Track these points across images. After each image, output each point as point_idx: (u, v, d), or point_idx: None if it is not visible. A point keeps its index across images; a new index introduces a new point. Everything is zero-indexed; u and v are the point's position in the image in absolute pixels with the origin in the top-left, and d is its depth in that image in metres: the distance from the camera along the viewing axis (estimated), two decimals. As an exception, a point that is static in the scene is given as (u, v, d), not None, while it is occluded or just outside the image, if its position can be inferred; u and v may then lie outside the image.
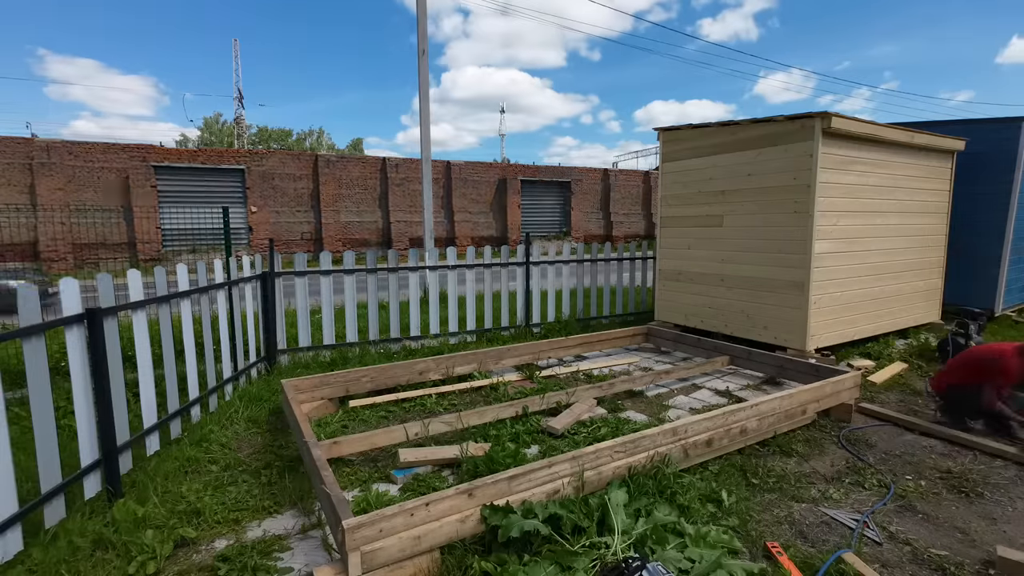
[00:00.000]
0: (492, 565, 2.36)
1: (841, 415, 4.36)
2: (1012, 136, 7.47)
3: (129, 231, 21.14)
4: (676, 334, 6.57)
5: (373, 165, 26.34)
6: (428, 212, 10.50)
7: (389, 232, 26.29)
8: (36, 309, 2.76)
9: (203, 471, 3.52)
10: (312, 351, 6.07)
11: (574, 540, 2.51)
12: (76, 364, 3.03)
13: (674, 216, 7.23)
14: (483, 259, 7.21)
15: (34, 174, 19.67)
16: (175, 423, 3.98)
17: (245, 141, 46.25)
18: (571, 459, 2.92)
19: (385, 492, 3.18)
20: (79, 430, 3.04)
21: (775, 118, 5.80)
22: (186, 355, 4.25)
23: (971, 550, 2.67)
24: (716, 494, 3.11)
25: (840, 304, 6.01)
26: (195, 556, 2.68)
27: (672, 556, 2.42)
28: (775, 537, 2.78)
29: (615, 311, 8.31)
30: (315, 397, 4.54)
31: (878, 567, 2.54)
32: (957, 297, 7.81)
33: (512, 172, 29.69)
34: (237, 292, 5.10)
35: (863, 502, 3.13)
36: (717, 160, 6.52)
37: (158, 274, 3.95)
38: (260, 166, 23.81)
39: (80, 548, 2.64)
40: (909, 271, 6.87)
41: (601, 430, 4.04)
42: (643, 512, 2.73)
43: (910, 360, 6.00)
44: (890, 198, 6.38)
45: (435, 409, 4.66)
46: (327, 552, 2.69)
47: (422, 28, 10.01)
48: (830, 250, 5.76)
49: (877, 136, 5.89)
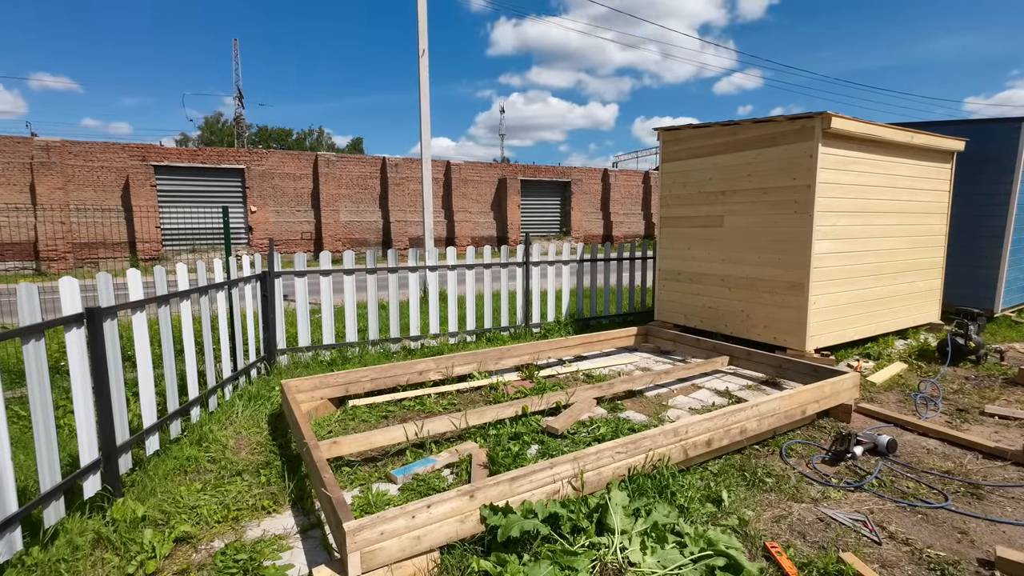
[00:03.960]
0: (492, 564, 2.36)
1: (840, 415, 4.36)
2: (1012, 136, 7.47)
3: (129, 230, 21.13)
4: (676, 334, 6.57)
5: (373, 165, 26.34)
6: (428, 212, 10.50)
7: (389, 232, 26.28)
8: (36, 308, 2.76)
9: (203, 471, 3.53)
10: (312, 351, 6.07)
11: (573, 540, 2.51)
12: (76, 363, 3.03)
13: (674, 216, 7.23)
14: (483, 259, 7.21)
15: (34, 173, 19.66)
16: (175, 423, 3.97)
17: (245, 141, 46.21)
18: (572, 460, 2.92)
19: (385, 492, 3.18)
20: (79, 429, 3.04)
21: (775, 118, 5.80)
22: (186, 355, 4.24)
23: (970, 550, 2.67)
24: (716, 494, 3.11)
25: (840, 304, 6.01)
26: (195, 555, 2.68)
27: (671, 556, 2.42)
28: (775, 537, 2.78)
29: (615, 311, 8.30)
30: (315, 397, 4.54)
31: (877, 567, 2.55)
32: (957, 297, 7.81)
33: (512, 172, 29.70)
34: (237, 292, 5.10)
35: (863, 502, 3.13)
36: (717, 160, 6.52)
37: (158, 274, 3.95)
38: (260, 166, 23.81)
39: (80, 547, 2.64)
40: (909, 271, 6.87)
41: (601, 430, 4.04)
42: (642, 512, 2.73)
43: (910, 360, 6.00)
44: (890, 198, 6.38)
45: (435, 409, 4.65)
46: (327, 552, 2.69)
47: (422, 27, 10.00)
48: (830, 250, 5.76)
49: (877, 136, 5.89)
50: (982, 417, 4.43)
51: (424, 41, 10.02)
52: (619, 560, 2.41)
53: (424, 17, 10.01)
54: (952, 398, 4.88)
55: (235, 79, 45.35)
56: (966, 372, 5.66)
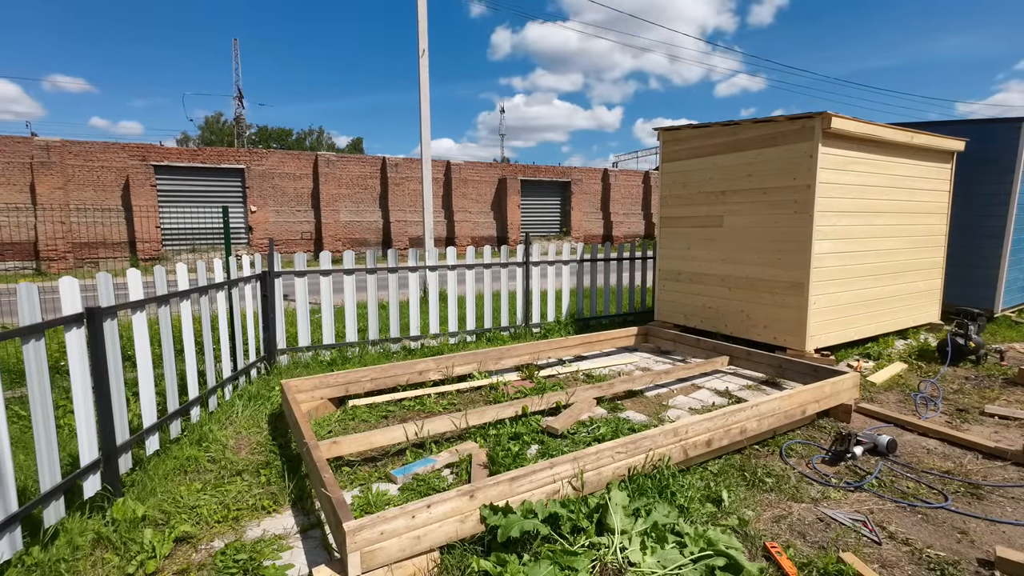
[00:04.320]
0: (492, 564, 2.36)
1: (840, 415, 4.36)
2: (1012, 136, 7.47)
3: (129, 230, 21.13)
4: (676, 334, 6.57)
5: (373, 164, 26.34)
6: (428, 212, 10.49)
7: (389, 232, 26.28)
8: (36, 308, 2.76)
9: (203, 470, 3.53)
10: (312, 351, 6.07)
11: (573, 540, 2.51)
12: (76, 363, 3.03)
13: (674, 216, 7.23)
14: (483, 259, 7.21)
15: (34, 173, 19.67)
16: (175, 423, 3.97)
17: (245, 140, 46.22)
18: (572, 460, 2.92)
19: (384, 492, 3.18)
20: (79, 429, 3.04)
21: (775, 118, 5.80)
22: (186, 355, 4.24)
23: (970, 550, 2.67)
24: (716, 494, 3.12)
25: (840, 304, 6.01)
26: (195, 555, 2.68)
27: (671, 556, 2.42)
28: (775, 537, 2.78)
29: (615, 311, 8.30)
30: (315, 397, 4.54)
31: (877, 567, 2.55)
32: (957, 297, 7.81)
33: (512, 172, 29.70)
34: (237, 292, 5.10)
35: (863, 502, 3.13)
36: (717, 160, 6.52)
37: (158, 273, 3.95)
38: (260, 165, 23.81)
39: (80, 547, 2.64)
40: (909, 271, 6.87)
41: (601, 430, 4.04)
42: (642, 512, 2.73)
43: (910, 360, 6.00)
44: (890, 198, 6.38)
45: (435, 409, 4.65)
46: (327, 551, 2.69)
47: (422, 27, 10.00)
48: (830, 250, 5.76)
49: (877, 136, 5.89)
50: (982, 417, 4.43)
51: (424, 41, 10.02)
52: (619, 560, 2.41)
53: (424, 17, 10.01)
54: (952, 398, 4.88)
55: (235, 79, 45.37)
56: (966, 372, 5.66)
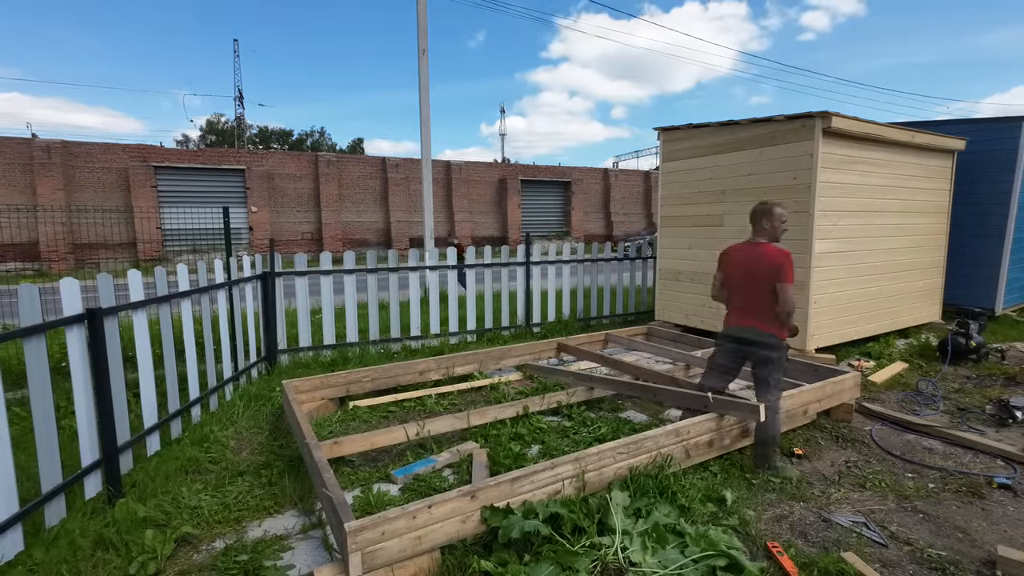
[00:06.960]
0: (492, 565, 2.36)
1: (841, 415, 4.35)
2: (1012, 136, 7.46)
3: (129, 231, 21.15)
4: (676, 334, 6.56)
5: (373, 165, 26.35)
6: (428, 212, 10.50)
7: (389, 232, 26.30)
8: (37, 309, 2.77)
9: (204, 471, 3.52)
10: (312, 351, 6.07)
11: (574, 540, 2.51)
12: (77, 364, 3.03)
13: (674, 216, 7.23)
14: (483, 259, 7.21)
15: (34, 174, 19.69)
16: (175, 423, 3.98)
17: (246, 141, 46.23)
18: (574, 460, 2.91)
19: (385, 492, 3.18)
20: (80, 430, 3.04)
21: (775, 118, 5.80)
22: (186, 355, 4.24)
23: (971, 550, 2.67)
24: (717, 494, 3.11)
25: (840, 304, 6.00)
26: (196, 556, 2.68)
27: (672, 556, 2.42)
28: (776, 537, 2.78)
29: (615, 311, 8.30)
30: (316, 397, 4.55)
31: (878, 567, 2.54)
32: (958, 297, 7.80)
33: (512, 172, 29.71)
34: (237, 292, 5.10)
35: (864, 502, 3.13)
36: (717, 160, 6.52)
37: (158, 274, 3.95)
38: (260, 166, 23.82)
39: (81, 548, 2.64)
40: (909, 271, 6.86)
41: (602, 430, 4.04)
42: (643, 512, 2.73)
43: (911, 360, 6.00)
44: (890, 198, 6.37)
45: (436, 409, 4.65)
46: (328, 552, 2.69)
47: (422, 26, 10.00)
48: (830, 250, 5.75)
49: (877, 136, 5.89)
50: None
51: (424, 41, 10.02)
52: (620, 560, 2.41)
53: (424, 17, 10.01)
54: (953, 397, 4.88)
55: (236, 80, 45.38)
56: (967, 371, 5.65)
